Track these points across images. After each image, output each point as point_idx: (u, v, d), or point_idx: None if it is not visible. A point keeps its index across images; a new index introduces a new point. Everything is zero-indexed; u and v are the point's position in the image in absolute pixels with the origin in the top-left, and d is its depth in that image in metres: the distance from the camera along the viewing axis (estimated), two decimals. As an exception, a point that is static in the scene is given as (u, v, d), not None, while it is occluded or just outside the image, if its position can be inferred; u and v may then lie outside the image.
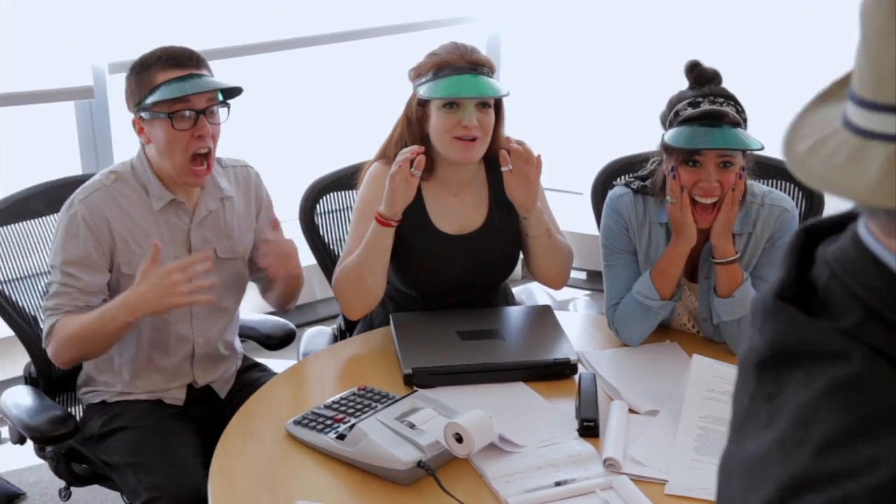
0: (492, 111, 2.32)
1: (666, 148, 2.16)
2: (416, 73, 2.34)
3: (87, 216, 2.19)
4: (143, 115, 2.18)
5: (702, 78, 2.16)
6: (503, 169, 2.30)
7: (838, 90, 0.81)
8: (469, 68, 2.28)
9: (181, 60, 2.16)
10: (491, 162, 2.43)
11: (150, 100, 2.14)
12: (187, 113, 2.15)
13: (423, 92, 2.29)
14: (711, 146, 2.08)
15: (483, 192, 2.46)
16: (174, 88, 2.13)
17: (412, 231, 2.39)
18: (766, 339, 0.81)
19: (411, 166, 2.22)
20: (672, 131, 2.11)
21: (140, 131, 2.22)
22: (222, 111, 2.22)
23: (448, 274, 2.42)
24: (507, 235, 2.46)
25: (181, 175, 2.20)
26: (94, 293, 2.20)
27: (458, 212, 2.43)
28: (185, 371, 2.34)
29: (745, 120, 2.13)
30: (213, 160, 2.22)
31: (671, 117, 2.15)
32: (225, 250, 2.33)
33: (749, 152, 2.16)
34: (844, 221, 0.83)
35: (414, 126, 2.36)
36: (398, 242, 2.40)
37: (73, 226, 2.19)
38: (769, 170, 2.61)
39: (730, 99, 2.13)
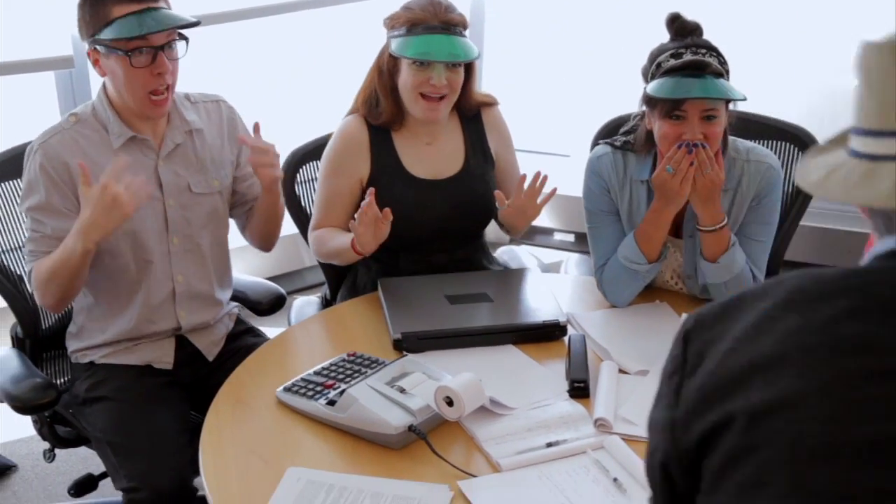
0: (461, 69, 2.34)
1: (648, 101, 2.14)
2: (391, 24, 2.35)
3: (45, 161, 2.15)
4: (98, 48, 2.13)
5: (683, 30, 2.13)
6: (500, 207, 2.30)
7: (831, 147, 1.03)
8: (442, 27, 2.28)
9: None
10: (463, 114, 2.47)
11: (105, 35, 2.08)
12: (145, 49, 2.10)
13: (394, 47, 2.31)
14: (694, 95, 2.05)
15: (458, 140, 2.48)
16: (132, 26, 2.07)
17: (387, 179, 2.41)
18: None
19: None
20: (654, 83, 2.09)
21: (95, 62, 2.17)
22: (180, 45, 2.17)
23: (425, 219, 2.42)
24: (483, 181, 2.48)
25: (141, 107, 2.17)
26: (63, 238, 2.14)
27: (432, 159, 2.45)
28: (168, 311, 2.30)
29: (727, 72, 2.11)
30: (172, 93, 2.19)
31: (653, 70, 2.13)
32: (199, 184, 2.30)
33: (732, 109, 2.15)
34: None
35: (385, 77, 2.37)
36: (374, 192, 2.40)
37: (32, 172, 2.16)
38: (753, 126, 2.60)
39: (712, 50, 2.10)
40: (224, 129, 2.36)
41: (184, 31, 2.17)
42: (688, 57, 2.07)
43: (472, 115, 2.50)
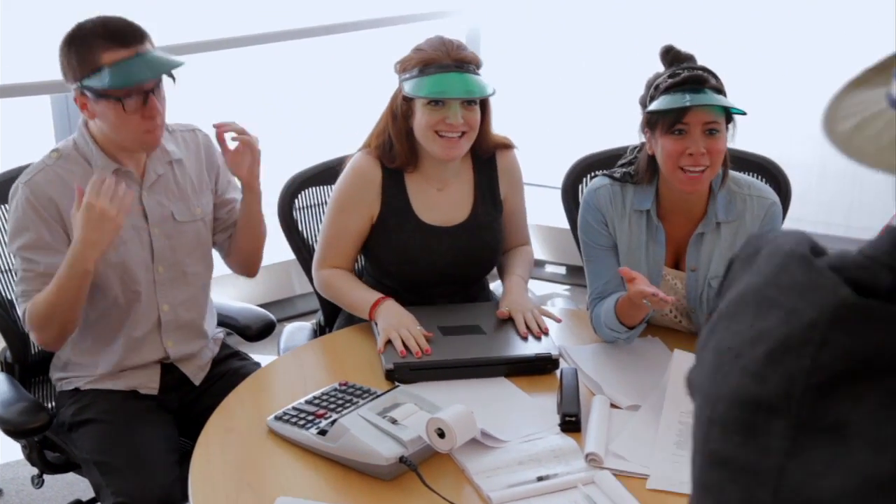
0: (477, 108, 2.31)
1: (650, 122, 2.14)
2: (402, 68, 2.33)
3: (32, 198, 2.15)
4: (87, 93, 2.12)
5: (677, 60, 2.16)
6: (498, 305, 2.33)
7: (873, 77, 0.79)
8: (455, 66, 2.27)
9: (126, 39, 2.09)
10: (478, 156, 2.44)
11: (95, 83, 2.07)
12: (135, 94, 2.10)
13: (408, 89, 2.28)
14: (697, 103, 2.05)
15: (468, 186, 2.46)
16: (124, 74, 2.06)
17: (396, 222, 2.40)
18: (846, 349, 0.71)
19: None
20: (655, 102, 2.10)
21: (83, 107, 2.15)
22: (167, 83, 2.17)
23: (431, 265, 2.42)
24: (490, 230, 2.47)
25: (134, 145, 2.18)
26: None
27: (442, 205, 2.43)
28: (154, 342, 2.30)
29: (725, 93, 2.12)
30: (162, 129, 2.19)
31: (651, 92, 2.14)
32: (182, 213, 2.31)
33: (727, 146, 2.15)
34: None
35: (399, 121, 2.34)
36: (381, 233, 2.41)
37: (20, 210, 2.16)
38: (746, 164, 2.61)
39: (707, 72, 2.12)
40: (202, 157, 2.38)
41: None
42: (686, 74, 2.09)
43: (487, 157, 2.47)
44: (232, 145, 2.30)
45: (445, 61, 2.27)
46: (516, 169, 2.52)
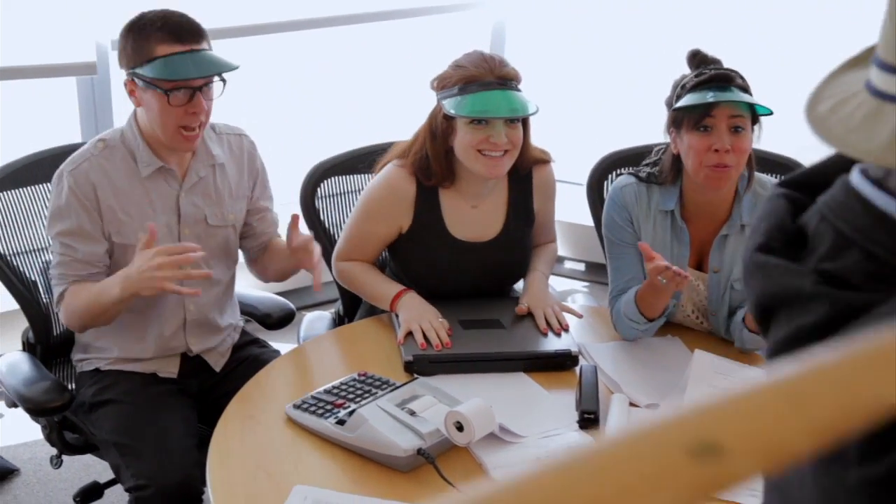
0: (520, 125, 2.25)
1: (675, 120, 2.13)
2: (441, 85, 2.26)
3: (75, 187, 2.17)
4: (137, 80, 2.14)
5: (704, 63, 2.15)
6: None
7: (867, 56, 0.81)
8: (497, 83, 2.20)
9: (182, 35, 2.12)
10: (514, 172, 2.38)
11: (146, 72, 2.10)
12: (183, 89, 2.11)
13: (449, 107, 2.21)
14: (724, 99, 2.05)
15: (502, 203, 2.42)
16: (174, 68, 2.09)
17: (427, 236, 2.37)
18: (754, 294, 0.83)
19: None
20: (682, 100, 2.10)
21: (131, 93, 2.18)
22: (217, 85, 2.19)
23: (459, 279, 2.41)
24: (520, 246, 2.45)
25: (171, 142, 2.19)
26: (94, 262, 2.20)
27: (474, 221, 2.40)
28: (178, 339, 2.33)
29: (750, 94, 2.12)
30: (203, 130, 2.20)
31: (678, 91, 2.13)
32: (215, 217, 2.32)
33: (753, 148, 2.15)
34: (820, 177, 0.86)
35: (438, 140, 2.28)
36: (410, 244, 2.39)
37: (63, 198, 2.18)
38: (772, 166, 2.60)
39: (733, 71, 2.12)
40: (244, 163, 2.38)
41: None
42: (713, 73, 2.09)
43: (524, 174, 2.41)
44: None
45: (488, 78, 2.20)
46: (551, 182, 2.47)
